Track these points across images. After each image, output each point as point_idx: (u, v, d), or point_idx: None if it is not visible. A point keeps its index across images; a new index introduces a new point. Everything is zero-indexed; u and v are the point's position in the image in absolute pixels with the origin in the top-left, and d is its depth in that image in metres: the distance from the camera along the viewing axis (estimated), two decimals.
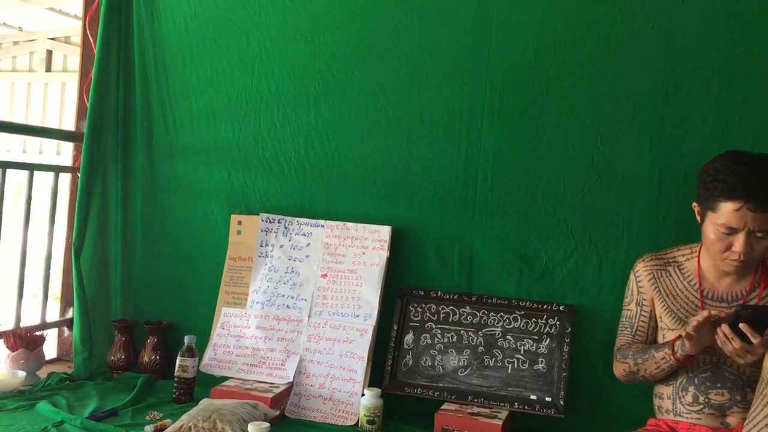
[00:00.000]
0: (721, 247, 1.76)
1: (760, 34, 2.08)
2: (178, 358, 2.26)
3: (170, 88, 2.58)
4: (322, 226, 2.43)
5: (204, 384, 2.26)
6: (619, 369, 1.94)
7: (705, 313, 1.68)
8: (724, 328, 1.67)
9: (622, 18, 2.18)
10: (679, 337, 1.74)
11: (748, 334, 1.64)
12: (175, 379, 2.26)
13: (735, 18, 2.09)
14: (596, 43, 2.21)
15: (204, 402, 2.00)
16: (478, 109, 2.31)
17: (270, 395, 2.12)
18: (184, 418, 1.89)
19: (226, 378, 2.28)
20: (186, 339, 2.27)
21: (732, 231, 1.73)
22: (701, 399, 1.81)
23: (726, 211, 1.72)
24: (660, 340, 1.92)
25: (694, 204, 1.85)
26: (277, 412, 2.12)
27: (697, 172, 1.87)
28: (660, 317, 1.91)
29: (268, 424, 1.73)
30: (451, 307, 2.30)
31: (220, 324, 2.40)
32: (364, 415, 2.10)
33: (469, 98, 2.32)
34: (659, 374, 1.84)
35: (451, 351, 2.26)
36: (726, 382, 1.80)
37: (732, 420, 1.79)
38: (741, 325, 1.64)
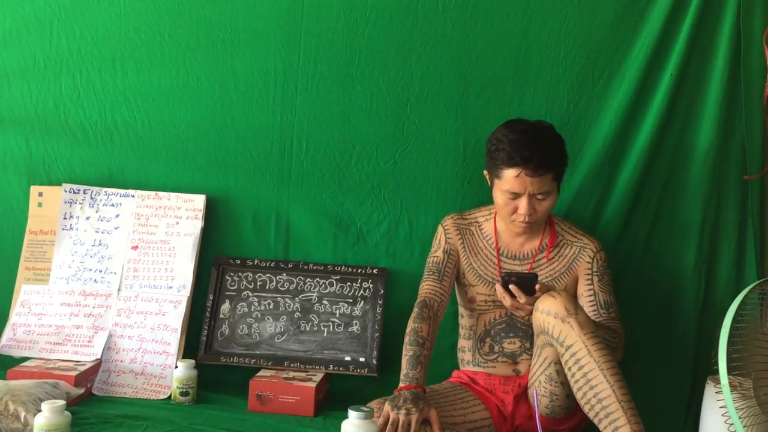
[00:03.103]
0: (508, 211, 1.88)
1: (551, 9, 2.23)
2: None
3: None
4: (133, 196, 2.33)
5: (1, 366, 2.10)
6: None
7: None
8: (498, 287, 1.81)
9: None
10: (412, 389, 1.76)
11: (516, 295, 1.78)
12: None
13: None
14: (405, 13, 2.26)
15: None
16: (292, 75, 2.30)
17: (74, 373, 2.02)
18: None
19: (27, 359, 2.14)
20: None
21: (515, 195, 1.85)
22: (496, 348, 1.94)
23: (508, 177, 1.83)
24: (462, 296, 2.03)
25: (485, 172, 1.96)
26: (82, 390, 2.02)
27: None
28: (463, 273, 2.01)
29: (63, 402, 1.64)
30: (268, 275, 2.29)
31: (20, 302, 2.24)
32: (177, 387, 2.06)
33: (282, 65, 2.30)
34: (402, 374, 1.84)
35: (268, 318, 2.26)
36: (518, 331, 1.94)
37: (522, 367, 1.94)
38: (510, 287, 1.78)
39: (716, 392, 1.78)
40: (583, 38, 2.21)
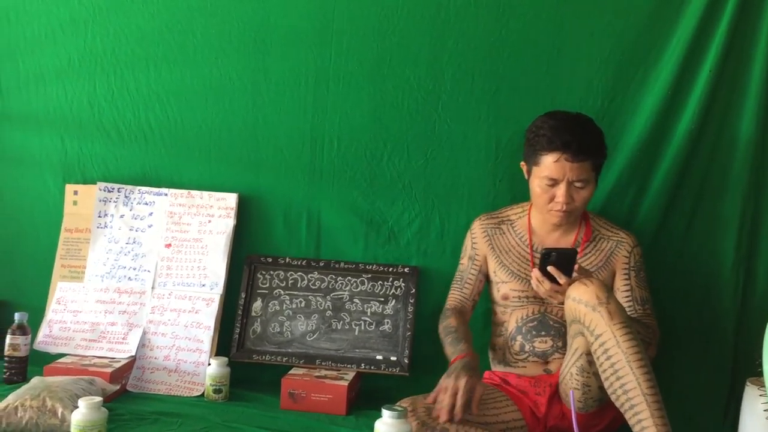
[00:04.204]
0: (546, 199, 1.87)
1: (585, 6, 2.20)
2: (8, 337, 2.11)
3: None
4: (166, 194, 2.35)
5: (38, 363, 2.12)
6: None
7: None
8: (535, 272, 1.78)
9: None
10: (463, 358, 1.81)
11: (556, 276, 1.75)
12: (6, 358, 2.12)
13: None
14: (437, 10, 2.25)
15: (34, 380, 1.89)
16: (324, 74, 2.30)
17: (109, 370, 2.04)
18: (10, 398, 1.77)
19: (63, 355, 2.17)
20: (16, 316, 2.13)
21: (553, 182, 1.84)
22: (527, 347, 1.92)
23: (547, 163, 1.83)
24: (495, 293, 2.02)
25: (522, 163, 1.95)
26: (117, 387, 2.04)
27: None
28: (494, 272, 2.00)
29: (100, 399, 1.66)
30: (300, 273, 2.30)
31: (56, 299, 2.27)
32: (210, 384, 2.07)
33: (314, 63, 2.30)
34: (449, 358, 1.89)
35: (300, 316, 2.26)
36: (550, 330, 1.92)
37: (553, 366, 1.91)
38: (549, 268, 1.75)
39: (760, 395, 1.74)
40: (618, 34, 2.18)
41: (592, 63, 2.20)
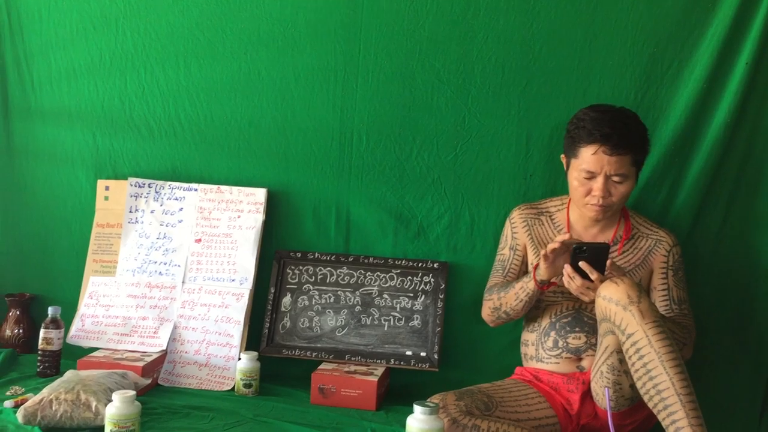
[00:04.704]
0: (583, 192, 1.85)
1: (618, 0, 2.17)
2: (42, 331, 2.14)
3: (26, 46, 2.41)
4: (196, 189, 2.36)
5: (71, 356, 2.15)
6: (486, 309, 2.02)
7: (561, 238, 1.75)
8: (566, 268, 1.75)
9: None
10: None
11: (587, 272, 1.72)
12: (39, 352, 2.14)
13: None
14: (467, 3, 2.23)
15: (68, 374, 1.91)
16: (352, 69, 2.29)
17: (141, 364, 2.06)
18: (45, 391, 1.80)
19: (95, 349, 2.19)
20: (50, 310, 2.16)
21: (591, 175, 1.82)
22: (560, 343, 1.90)
23: (585, 155, 1.81)
24: None
25: (562, 156, 1.94)
26: (149, 381, 2.06)
27: (562, 129, 1.95)
28: (531, 264, 1.99)
29: (133, 392, 1.67)
30: (329, 269, 2.30)
31: (88, 294, 2.30)
32: (241, 379, 2.08)
33: (343, 58, 2.29)
34: (519, 306, 1.90)
35: (329, 311, 2.26)
36: (584, 326, 1.89)
37: (586, 363, 1.89)
38: (581, 264, 1.72)
39: None
40: (652, 26, 2.15)
41: (624, 56, 2.17)
